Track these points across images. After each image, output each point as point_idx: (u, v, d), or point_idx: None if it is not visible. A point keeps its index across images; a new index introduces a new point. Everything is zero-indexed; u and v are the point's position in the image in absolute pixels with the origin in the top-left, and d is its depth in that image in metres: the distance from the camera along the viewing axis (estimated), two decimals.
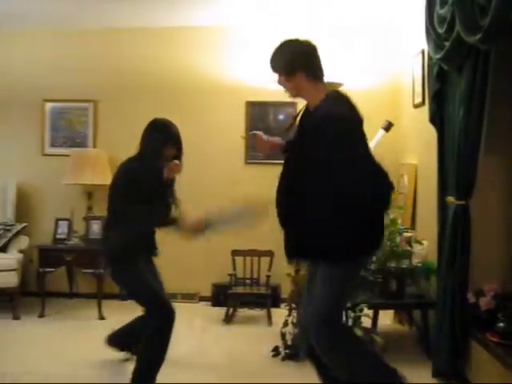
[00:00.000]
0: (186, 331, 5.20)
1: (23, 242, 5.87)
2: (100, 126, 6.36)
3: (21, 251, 5.74)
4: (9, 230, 5.80)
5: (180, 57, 6.24)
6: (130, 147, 6.17)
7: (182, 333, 5.10)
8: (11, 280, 5.49)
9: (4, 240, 5.72)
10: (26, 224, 5.99)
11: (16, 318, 5.49)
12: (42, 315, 5.57)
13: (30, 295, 5.87)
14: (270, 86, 5.46)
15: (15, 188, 6.16)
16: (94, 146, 6.34)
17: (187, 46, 6.24)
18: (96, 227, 5.86)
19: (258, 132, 3.28)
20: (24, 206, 6.34)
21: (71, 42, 6.38)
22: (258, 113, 6.15)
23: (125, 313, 5.72)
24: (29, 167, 6.45)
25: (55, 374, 4.07)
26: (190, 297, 6.14)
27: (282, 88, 3.07)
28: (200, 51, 6.22)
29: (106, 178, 5.91)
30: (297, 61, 2.93)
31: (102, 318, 5.53)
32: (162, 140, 3.88)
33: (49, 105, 6.37)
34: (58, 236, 5.92)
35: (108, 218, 3.93)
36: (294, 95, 3.04)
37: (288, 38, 3.02)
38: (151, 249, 4.04)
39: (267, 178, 6.02)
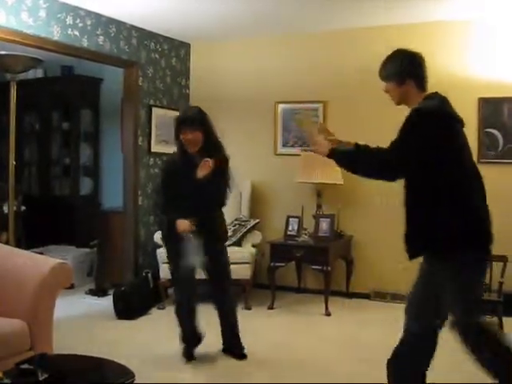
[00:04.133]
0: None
1: (256, 237, 6.17)
2: (329, 125, 6.45)
3: (254, 246, 6.06)
4: (243, 226, 6.14)
5: None
6: None
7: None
8: (245, 272, 5.81)
9: (239, 235, 6.06)
10: (258, 220, 6.29)
11: (247, 308, 5.81)
12: (271, 307, 5.83)
13: (261, 287, 6.18)
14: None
15: (250, 186, 6.52)
16: None
17: (416, 43, 6.08)
18: (325, 225, 5.98)
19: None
20: (257, 202, 6.68)
21: (301, 44, 6.57)
22: (491, 109, 5.81)
23: (351, 310, 5.82)
24: (262, 166, 6.78)
25: (285, 365, 4.25)
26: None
27: None
28: (430, 47, 6.03)
29: (336, 177, 6.01)
30: (408, 69, 3.09)
31: (328, 314, 5.62)
32: (176, 127, 4.06)
33: (281, 106, 6.64)
34: (288, 232, 6.13)
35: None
36: (399, 102, 3.18)
37: (400, 48, 3.17)
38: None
39: (502, 178, 5.75)
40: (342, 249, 6.16)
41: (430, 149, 2.87)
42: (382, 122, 6.26)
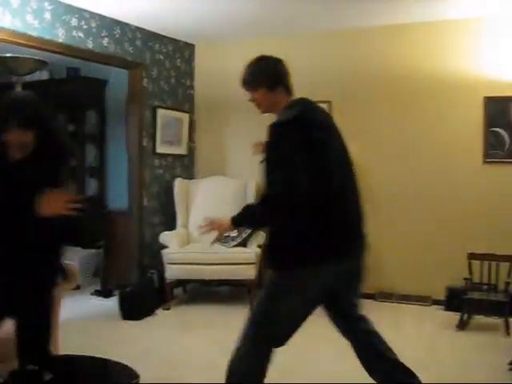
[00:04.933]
0: (416, 334, 5.10)
1: (262, 237, 6.15)
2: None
3: (259, 246, 6.05)
4: None
5: (414, 54, 6.09)
6: (366, 146, 6.27)
7: (412, 335, 5.03)
8: (249, 273, 5.81)
9: (244, 235, 6.03)
10: None
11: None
12: None
13: None
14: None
15: (255, 186, 6.49)
16: None
17: (421, 43, 6.07)
18: None
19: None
20: None
21: (305, 44, 6.56)
22: (497, 108, 5.78)
23: (375, 313, 5.80)
24: None
25: (289, 366, 4.26)
26: (422, 299, 5.99)
27: None
28: (435, 46, 6.03)
29: None
30: (278, 75, 2.99)
31: None
32: None
33: None
34: None
35: None
36: (267, 110, 3.04)
37: (264, 55, 3.07)
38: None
39: (508, 178, 5.74)
40: None
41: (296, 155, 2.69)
42: (388, 121, 6.26)
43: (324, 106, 6.42)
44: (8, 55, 4.47)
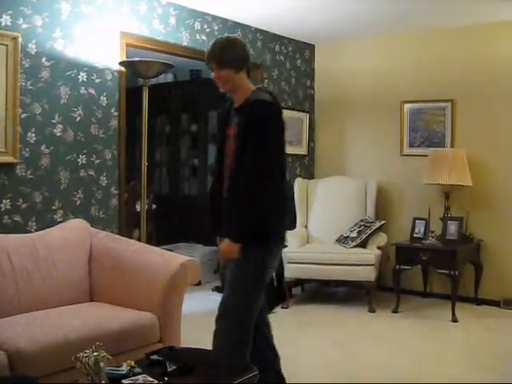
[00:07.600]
0: None
1: (382, 238, 6.07)
2: (457, 125, 6.25)
3: (379, 248, 5.95)
4: (368, 227, 6.06)
5: None
6: (488, 147, 6.03)
7: None
8: (369, 274, 5.74)
9: (364, 236, 5.99)
10: (384, 221, 6.19)
11: (371, 310, 5.73)
12: (395, 311, 5.71)
13: (385, 290, 6.08)
14: None
15: (375, 187, 6.40)
16: (452, 146, 6.25)
17: None
18: (453, 228, 5.79)
19: None
20: (383, 204, 6.57)
21: (427, 41, 6.38)
22: None
23: (479, 317, 5.59)
24: (388, 167, 6.65)
25: (400, 367, 4.17)
26: None
27: None
28: None
29: (464, 179, 5.82)
30: (245, 58, 3.15)
31: (454, 320, 5.43)
32: None
33: (407, 106, 6.50)
34: (415, 235, 5.98)
35: None
36: (230, 90, 3.19)
37: (232, 36, 3.28)
38: None
39: None
40: (471, 253, 5.93)
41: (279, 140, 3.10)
42: None
43: (448, 105, 6.27)
44: (136, 59, 4.66)
